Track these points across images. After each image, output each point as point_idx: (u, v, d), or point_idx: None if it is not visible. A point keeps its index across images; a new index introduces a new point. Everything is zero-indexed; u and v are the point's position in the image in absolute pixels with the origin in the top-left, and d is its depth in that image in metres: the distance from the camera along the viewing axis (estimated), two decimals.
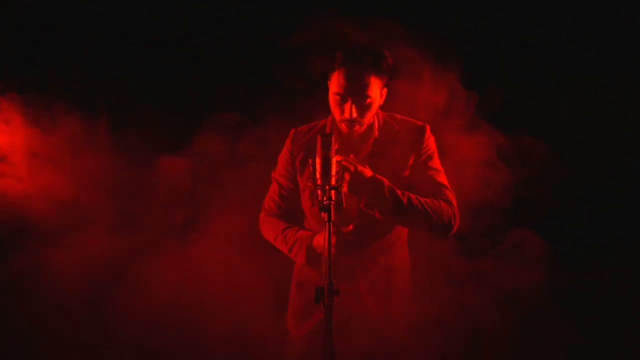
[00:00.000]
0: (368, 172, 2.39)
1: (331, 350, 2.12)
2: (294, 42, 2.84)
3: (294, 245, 2.60)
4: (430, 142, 2.58)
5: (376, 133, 2.56)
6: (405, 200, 2.40)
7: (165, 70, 3.41)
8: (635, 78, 3.32)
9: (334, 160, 2.19)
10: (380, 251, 2.60)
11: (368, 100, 2.45)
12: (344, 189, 2.31)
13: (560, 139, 3.14)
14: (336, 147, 2.26)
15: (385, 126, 2.58)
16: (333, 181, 2.17)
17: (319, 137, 2.21)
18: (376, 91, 2.46)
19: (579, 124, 3.28)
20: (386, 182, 2.40)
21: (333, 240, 2.10)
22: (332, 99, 2.48)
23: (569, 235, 3.20)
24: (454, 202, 2.52)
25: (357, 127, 2.49)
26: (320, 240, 2.49)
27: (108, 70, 3.31)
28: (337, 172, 2.20)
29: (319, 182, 2.17)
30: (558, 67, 3.34)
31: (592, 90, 3.31)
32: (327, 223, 2.13)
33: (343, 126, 2.50)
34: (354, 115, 2.44)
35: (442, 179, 2.56)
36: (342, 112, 2.46)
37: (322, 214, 2.14)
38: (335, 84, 2.45)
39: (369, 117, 2.49)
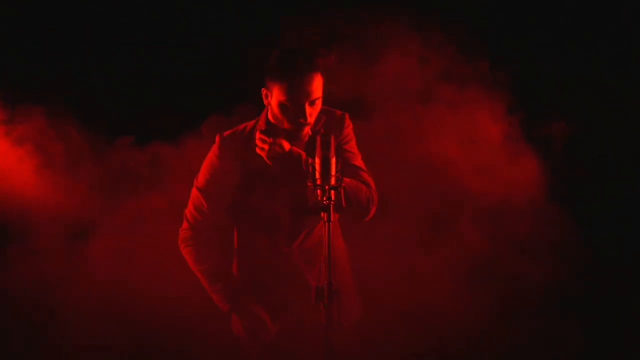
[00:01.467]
0: (287, 145, 2.39)
1: (331, 351, 2.13)
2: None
3: (216, 293, 2.62)
4: (350, 129, 2.59)
5: (309, 131, 2.53)
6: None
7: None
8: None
9: (333, 160, 2.19)
10: (320, 240, 2.54)
11: (318, 101, 2.44)
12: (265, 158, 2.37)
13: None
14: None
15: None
16: (333, 181, 2.17)
17: (318, 137, 2.21)
18: (321, 89, 2.45)
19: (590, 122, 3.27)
20: (304, 155, 2.40)
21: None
22: (279, 106, 2.42)
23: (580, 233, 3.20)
24: (372, 185, 2.51)
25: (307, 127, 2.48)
26: (237, 327, 2.63)
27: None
28: (336, 172, 2.20)
29: (318, 182, 2.16)
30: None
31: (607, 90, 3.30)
32: (326, 223, 2.14)
33: (286, 127, 2.46)
34: (309, 118, 2.43)
35: (360, 162, 2.56)
36: (293, 117, 2.42)
37: (322, 214, 2.14)
38: (283, 91, 2.39)
39: (316, 116, 2.49)
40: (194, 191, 2.62)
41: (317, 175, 2.17)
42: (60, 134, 3.10)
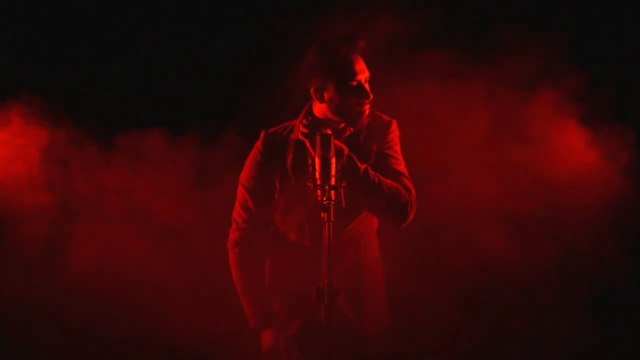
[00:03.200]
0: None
1: (331, 351, 2.13)
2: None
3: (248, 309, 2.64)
4: (395, 135, 2.57)
5: (351, 129, 2.54)
6: (362, 169, 2.37)
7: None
8: None
9: (333, 161, 2.19)
10: (349, 242, 2.55)
11: (369, 78, 2.47)
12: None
13: None
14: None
15: None
16: (333, 181, 2.17)
17: (318, 137, 2.20)
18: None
19: None
20: (346, 149, 2.37)
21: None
22: (341, 93, 2.42)
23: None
24: (413, 191, 2.47)
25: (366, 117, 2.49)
26: (267, 342, 2.61)
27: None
28: (336, 172, 2.19)
29: (318, 182, 2.16)
30: None
31: None
32: (327, 223, 2.14)
33: (362, 119, 2.47)
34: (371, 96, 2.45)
35: (402, 167, 2.54)
36: (357, 100, 2.43)
37: (322, 214, 2.14)
38: (349, 74, 2.40)
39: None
40: (240, 189, 2.63)
41: (317, 175, 2.17)
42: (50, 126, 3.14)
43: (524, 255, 3.12)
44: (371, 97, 2.44)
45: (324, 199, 2.14)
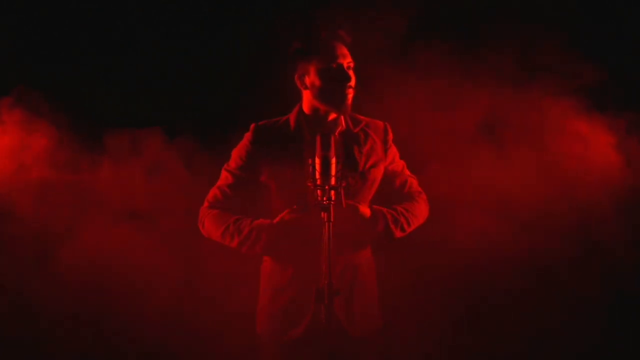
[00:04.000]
0: (367, 212, 2.49)
1: (331, 351, 2.13)
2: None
3: (249, 234, 2.49)
4: (391, 138, 2.67)
5: (343, 124, 2.57)
6: (401, 227, 2.55)
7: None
8: None
9: (333, 160, 2.19)
10: (345, 244, 2.51)
11: (352, 72, 2.50)
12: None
13: None
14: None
15: (351, 119, 2.60)
16: (333, 181, 2.17)
17: (318, 137, 2.21)
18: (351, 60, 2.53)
19: None
20: (385, 213, 2.52)
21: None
22: (322, 75, 2.46)
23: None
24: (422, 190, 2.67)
25: (333, 115, 2.54)
26: (287, 216, 2.46)
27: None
28: (336, 172, 2.19)
29: (318, 182, 2.17)
30: None
31: None
32: (327, 223, 2.14)
33: (345, 103, 2.48)
34: (354, 82, 2.49)
35: (406, 169, 2.72)
36: (339, 83, 2.46)
37: (322, 214, 2.15)
38: (323, 59, 2.45)
39: (354, 85, 2.52)
40: (223, 173, 2.65)
41: (317, 175, 2.18)
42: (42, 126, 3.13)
43: (523, 254, 3.12)
44: (353, 80, 2.47)
45: (324, 199, 2.15)
